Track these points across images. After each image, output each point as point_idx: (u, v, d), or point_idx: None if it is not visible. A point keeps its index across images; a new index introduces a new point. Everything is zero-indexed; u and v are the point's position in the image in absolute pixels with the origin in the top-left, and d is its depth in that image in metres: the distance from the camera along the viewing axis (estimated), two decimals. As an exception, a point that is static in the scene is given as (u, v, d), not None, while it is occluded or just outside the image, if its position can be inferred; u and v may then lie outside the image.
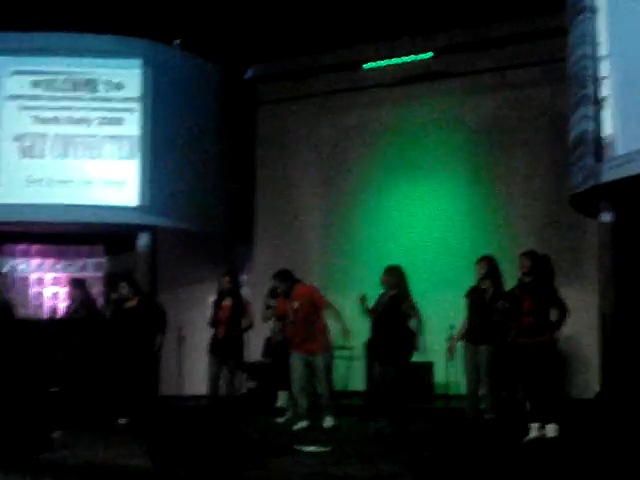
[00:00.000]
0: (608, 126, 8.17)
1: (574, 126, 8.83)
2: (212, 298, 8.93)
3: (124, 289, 8.87)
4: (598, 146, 8.27)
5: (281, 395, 8.99)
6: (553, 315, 6.75)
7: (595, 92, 8.29)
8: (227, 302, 8.69)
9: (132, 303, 8.82)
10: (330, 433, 7.65)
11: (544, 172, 10.37)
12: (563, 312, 6.84)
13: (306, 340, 7.93)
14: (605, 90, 8.25)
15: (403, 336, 7.63)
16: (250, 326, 8.85)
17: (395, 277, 7.76)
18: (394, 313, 7.64)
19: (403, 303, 7.65)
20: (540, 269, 6.95)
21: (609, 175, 8.03)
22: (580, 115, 8.61)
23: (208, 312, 8.82)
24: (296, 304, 7.99)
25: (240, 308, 8.68)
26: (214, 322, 8.69)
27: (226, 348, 8.58)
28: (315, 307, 7.96)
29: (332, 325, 8.06)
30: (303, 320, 7.94)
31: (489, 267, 7.54)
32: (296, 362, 8.00)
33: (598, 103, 8.29)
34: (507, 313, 7.14)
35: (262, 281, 10.32)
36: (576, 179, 8.63)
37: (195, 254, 11.71)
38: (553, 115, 10.19)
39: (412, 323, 7.63)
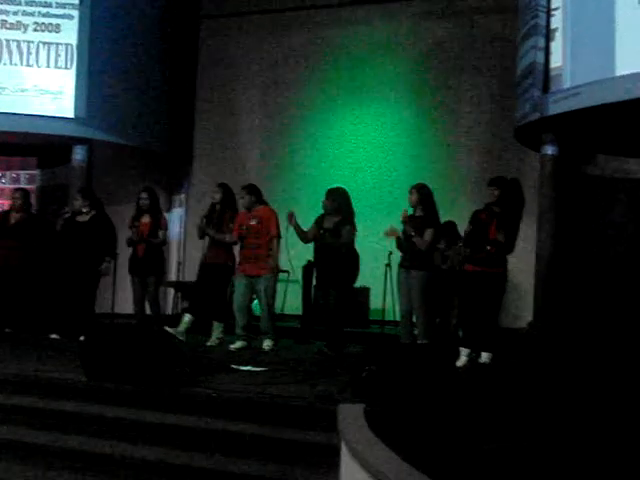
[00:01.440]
0: (557, 58, 8.16)
1: (523, 57, 8.80)
2: (129, 216, 8.69)
3: (77, 202, 8.58)
4: (546, 78, 8.26)
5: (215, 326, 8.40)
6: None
7: (547, 23, 8.24)
8: (145, 219, 8.48)
9: (84, 217, 8.54)
10: (267, 354, 7.65)
11: (490, 102, 10.34)
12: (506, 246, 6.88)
13: (251, 260, 7.85)
14: (556, 22, 8.21)
15: (347, 261, 7.61)
16: (163, 243, 8.65)
17: (337, 201, 7.68)
18: (337, 238, 7.59)
19: (342, 228, 7.60)
20: (509, 198, 6.92)
21: (555, 108, 8.05)
22: (529, 46, 8.57)
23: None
24: (254, 221, 7.85)
25: (158, 225, 8.48)
26: (131, 241, 8.49)
27: (146, 266, 8.43)
28: (269, 231, 7.85)
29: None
30: (255, 239, 7.84)
31: (420, 195, 7.43)
32: (238, 282, 7.96)
33: (548, 34, 8.25)
34: (471, 236, 7.11)
35: (199, 200, 10.15)
36: (522, 110, 8.63)
37: (132, 171, 11.45)
38: (502, 44, 10.11)
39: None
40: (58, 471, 4.89)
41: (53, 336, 8.36)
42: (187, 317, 8.06)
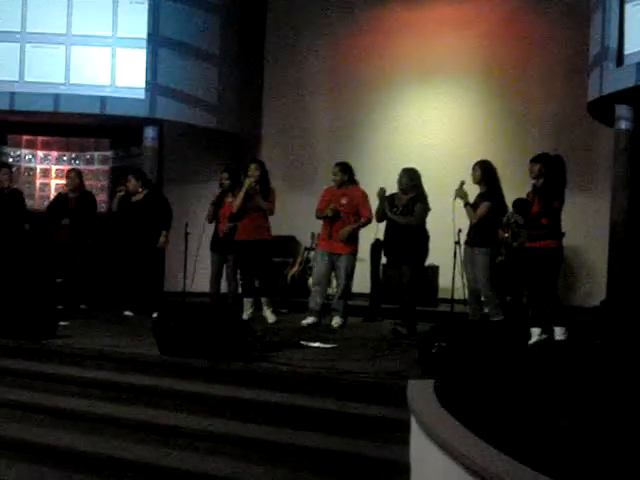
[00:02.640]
0: (630, 30, 7.95)
1: (596, 29, 8.58)
2: (213, 196, 8.82)
3: (131, 182, 8.79)
4: (620, 50, 8.06)
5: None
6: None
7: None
8: (228, 199, 8.60)
9: (139, 197, 8.76)
10: (335, 332, 7.68)
11: (562, 76, 10.11)
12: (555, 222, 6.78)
13: (333, 237, 7.90)
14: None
15: (419, 239, 7.65)
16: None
17: (412, 180, 7.71)
18: (411, 215, 7.63)
19: (417, 204, 7.59)
20: (551, 172, 6.81)
21: (629, 81, 7.84)
22: (602, 18, 8.35)
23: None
24: (345, 200, 7.91)
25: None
26: (214, 218, 8.63)
27: (226, 245, 8.53)
28: (357, 211, 7.92)
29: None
30: (343, 217, 7.91)
31: (482, 170, 7.40)
32: (319, 257, 8.08)
33: (622, 5, 8.05)
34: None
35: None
36: (595, 84, 8.43)
37: (202, 151, 11.58)
38: (574, 16, 9.86)
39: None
40: (132, 443, 5.02)
41: (127, 313, 8.55)
42: (248, 302, 8.18)
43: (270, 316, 8.17)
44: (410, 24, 11.10)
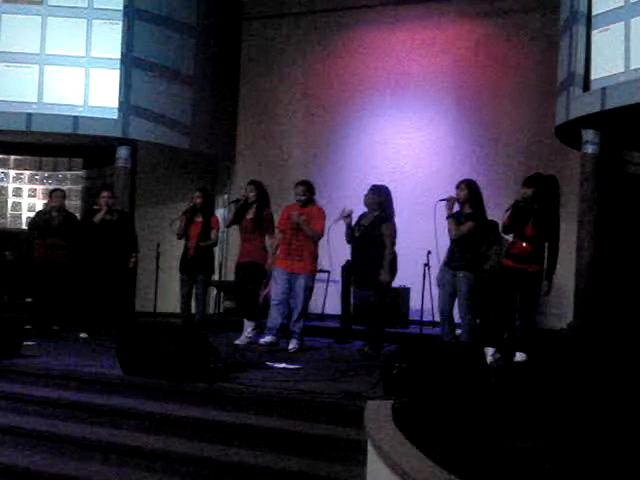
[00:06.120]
0: (597, 57, 8.07)
1: (563, 55, 8.70)
2: (182, 210, 8.82)
3: (110, 200, 8.69)
4: (586, 76, 8.18)
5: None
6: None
7: (587, 20, 8.16)
8: (198, 219, 8.63)
9: (114, 216, 8.71)
10: (305, 353, 7.69)
11: (531, 100, 10.23)
12: (551, 250, 6.81)
13: (292, 256, 7.77)
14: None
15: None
16: (214, 244, 8.81)
17: (380, 197, 7.66)
18: (374, 235, 7.55)
19: (383, 224, 7.57)
20: (545, 195, 6.82)
21: (595, 106, 7.94)
22: (569, 44, 8.47)
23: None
24: (303, 218, 7.73)
25: (210, 225, 8.63)
26: (184, 235, 8.64)
27: (195, 265, 8.54)
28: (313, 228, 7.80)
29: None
30: (297, 234, 7.76)
31: (469, 190, 7.29)
32: (277, 276, 7.83)
33: (589, 32, 8.17)
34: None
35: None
36: (562, 108, 8.54)
37: (176, 172, 11.62)
38: (543, 43, 10.02)
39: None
40: (93, 463, 5.00)
41: (82, 335, 8.52)
42: (250, 326, 8.17)
43: (244, 340, 8.12)
44: (384, 47, 11.21)
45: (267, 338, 7.75)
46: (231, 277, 10.13)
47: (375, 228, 7.58)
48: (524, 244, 6.80)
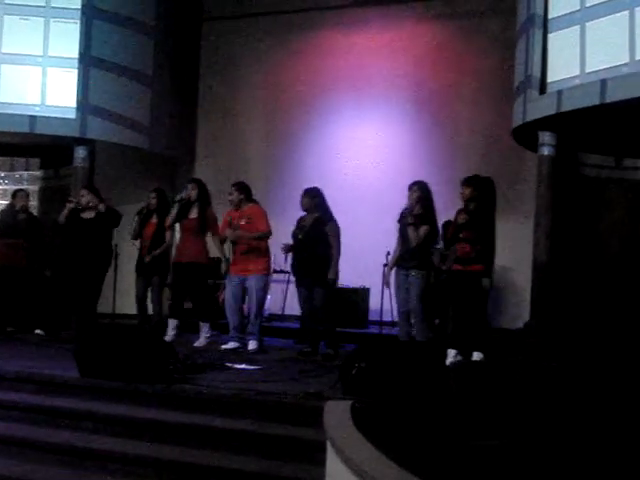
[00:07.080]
0: (554, 60, 8.19)
1: (520, 58, 8.81)
2: (136, 211, 8.71)
3: (85, 197, 8.58)
4: (543, 78, 8.29)
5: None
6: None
7: (543, 25, 8.28)
8: (153, 220, 8.56)
9: (91, 214, 8.57)
10: (263, 353, 7.68)
11: (489, 103, 10.33)
12: (488, 249, 6.90)
13: (242, 259, 7.78)
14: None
15: (330, 257, 7.56)
16: (170, 245, 8.70)
17: (315, 199, 7.70)
18: (318, 235, 7.58)
19: (328, 224, 7.61)
20: (482, 195, 6.92)
21: (551, 109, 8.06)
22: (526, 47, 8.58)
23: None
24: (244, 221, 7.77)
25: (164, 227, 8.52)
26: (138, 235, 8.57)
27: (150, 267, 8.47)
28: (257, 229, 7.80)
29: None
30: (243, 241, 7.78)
31: (420, 192, 7.34)
32: (230, 282, 7.89)
33: (545, 35, 8.29)
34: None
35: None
36: (519, 111, 8.64)
37: (134, 172, 11.51)
38: (501, 46, 10.12)
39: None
40: (48, 465, 4.96)
41: (37, 331, 8.48)
42: (173, 323, 8.10)
43: (203, 341, 8.07)
44: (344, 49, 11.25)
45: (230, 345, 7.77)
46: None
47: (317, 228, 7.62)
48: (464, 245, 6.89)
